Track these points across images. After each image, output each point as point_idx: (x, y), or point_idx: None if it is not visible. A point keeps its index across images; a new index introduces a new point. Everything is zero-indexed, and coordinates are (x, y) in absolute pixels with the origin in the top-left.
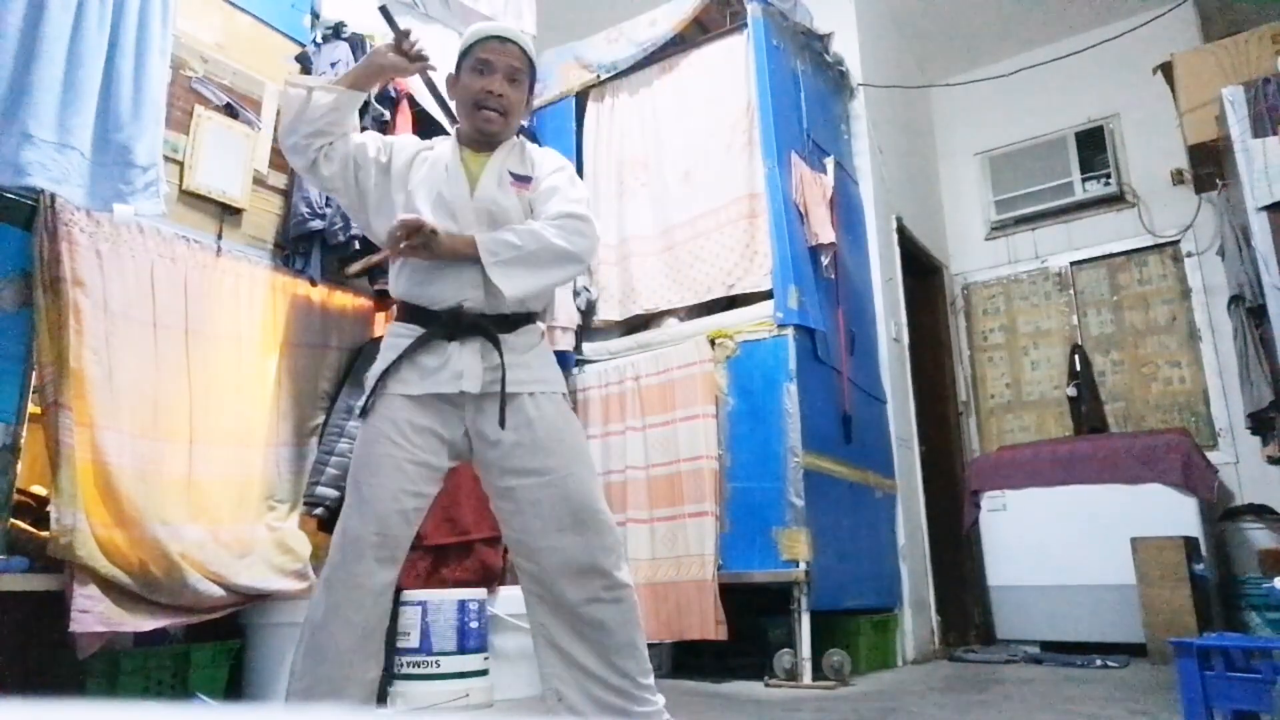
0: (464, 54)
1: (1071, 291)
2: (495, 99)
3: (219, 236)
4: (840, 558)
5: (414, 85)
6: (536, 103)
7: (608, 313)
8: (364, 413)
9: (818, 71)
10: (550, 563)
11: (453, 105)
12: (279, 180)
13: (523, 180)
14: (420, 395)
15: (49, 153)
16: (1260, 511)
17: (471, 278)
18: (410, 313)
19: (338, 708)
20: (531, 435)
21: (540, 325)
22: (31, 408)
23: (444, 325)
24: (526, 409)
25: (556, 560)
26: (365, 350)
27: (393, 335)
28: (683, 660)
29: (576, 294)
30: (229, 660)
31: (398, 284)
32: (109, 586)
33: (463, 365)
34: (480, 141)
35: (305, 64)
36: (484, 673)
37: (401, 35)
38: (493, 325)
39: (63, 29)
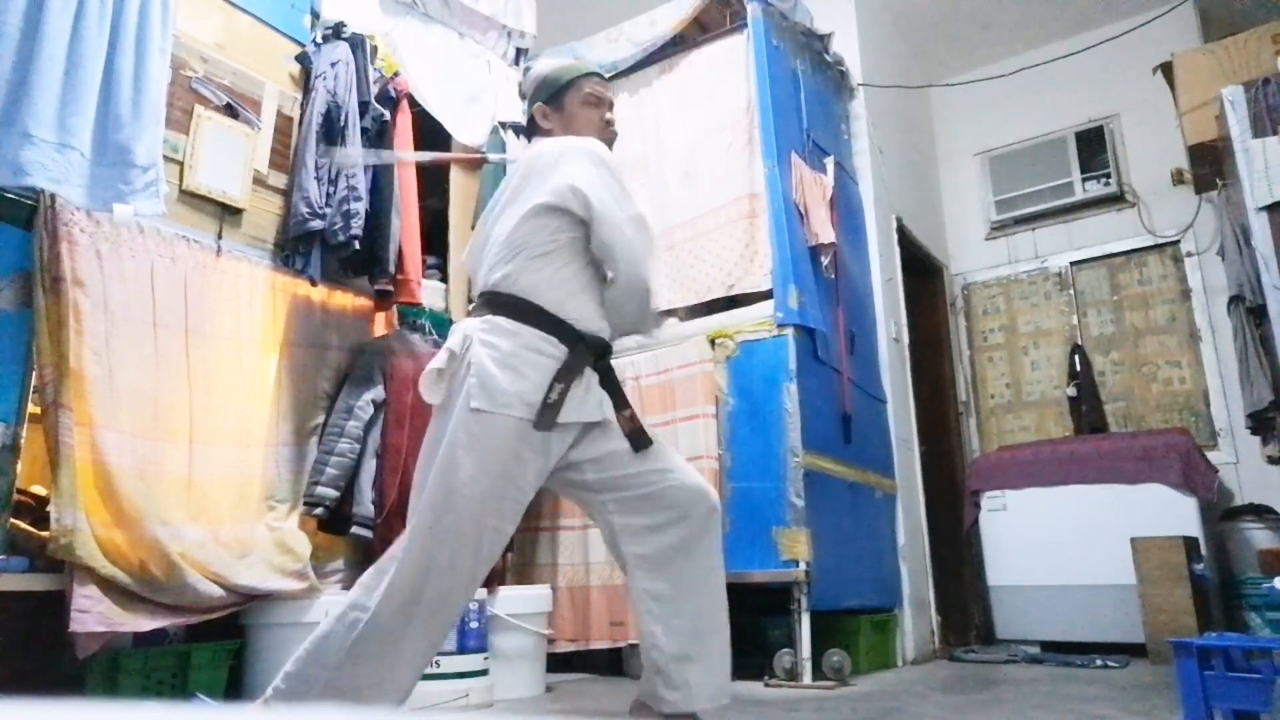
0: (566, 85)
1: (1071, 291)
2: (613, 127)
3: (219, 236)
4: (840, 558)
5: (414, 85)
6: None
7: None
8: (542, 426)
9: (818, 71)
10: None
11: (560, 129)
12: (279, 180)
13: None
14: (569, 424)
15: (49, 153)
16: (1260, 511)
17: (600, 306)
18: (551, 324)
19: (350, 707)
20: (625, 447)
21: None
22: (31, 408)
23: (590, 349)
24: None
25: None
26: (365, 350)
27: (530, 349)
28: None
29: None
30: (229, 660)
31: (545, 290)
32: (109, 586)
33: (598, 395)
34: None
35: (305, 64)
36: (484, 673)
37: None
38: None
39: (62, 29)
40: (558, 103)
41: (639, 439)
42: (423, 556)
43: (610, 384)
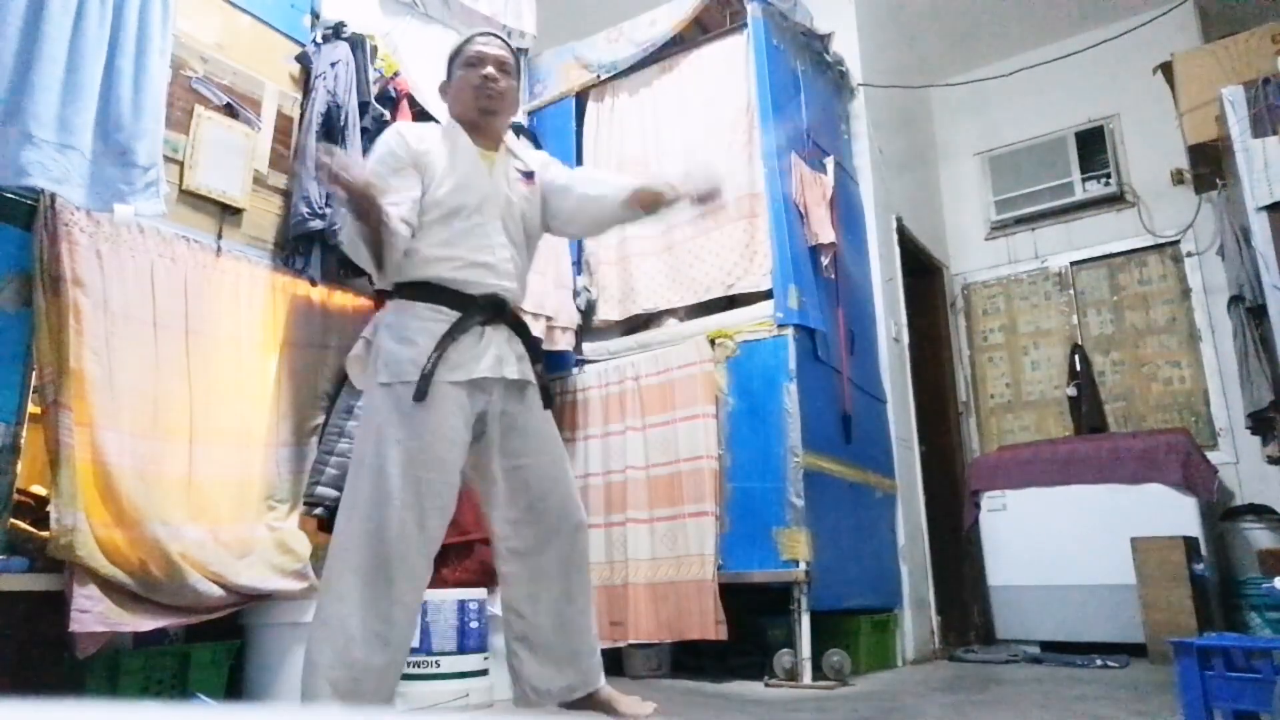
0: (453, 58)
1: (1071, 291)
2: (491, 83)
3: (219, 236)
4: (840, 558)
5: (414, 85)
6: (536, 103)
7: (607, 313)
8: (418, 397)
9: (818, 71)
10: (549, 527)
11: (448, 107)
12: (279, 180)
13: (528, 176)
14: (465, 381)
15: (49, 153)
16: (1260, 511)
17: (515, 268)
18: (438, 294)
19: (353, 706)
20: (536, 422)
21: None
22: (31, 408)
23: (481, 310)
24: (531, 396)
25: (554, 526)
26: None
27: (419, 319)
28: (683, 660)
29: (576, 294)
30: (229, 660)
31: (422, 266)
32: (109, 586)
33: (499, 351)
34: (484, 133)
35: (305, 64)
36: (484, 673)
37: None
38: (514, 315)
39: (63, 29)
40: (450, 75)
41: (546, 394)
42: (364, 521)
43: (526, 339)
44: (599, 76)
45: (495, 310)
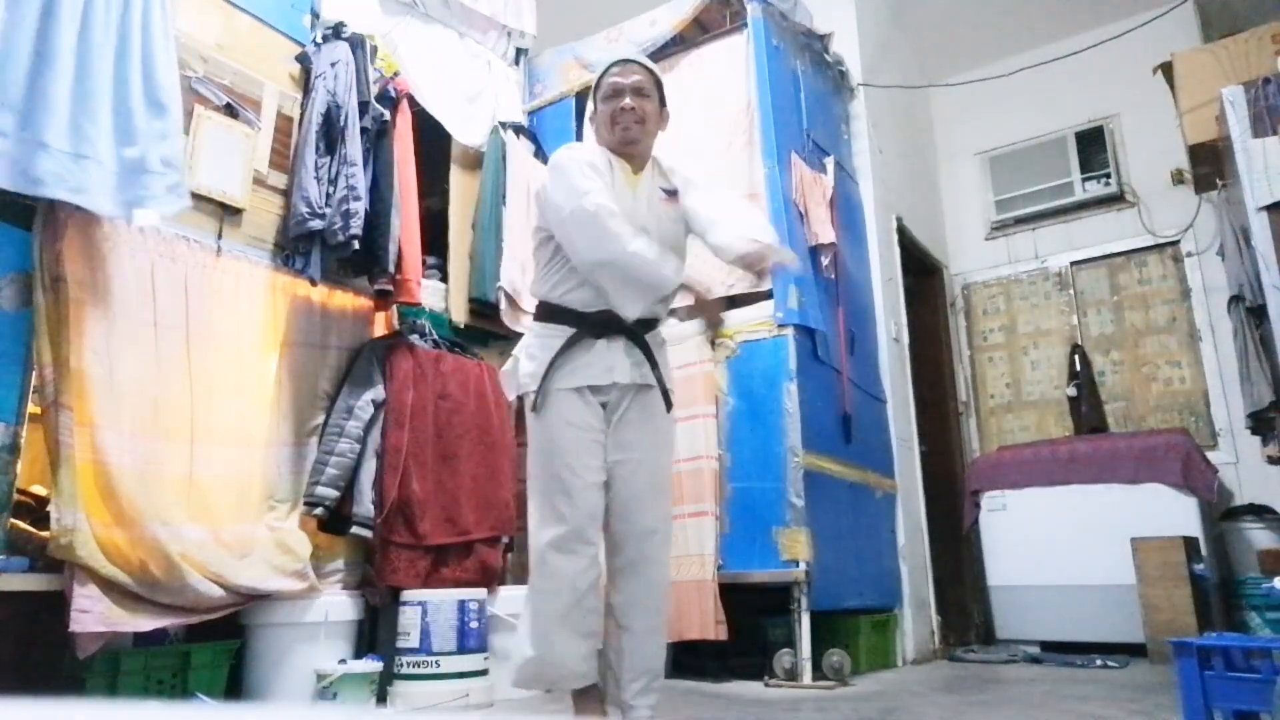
0: (595, 90)
1: (1071, 291)
2: (628, 113)
3: (219, 236)
4: (840, 558)
5: (414, 85)
6: (536, 103)
7: None
8: (535, 407)
9: (818, 71)
10: (624, 530)
11: (595, 136)
12: (279, 180)
13: (671, 194)
14: (577, 388)
15: (64, 162)
16: (1260, 511)
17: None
18: (558, 315)
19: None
20: (646, 424)
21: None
22: (31, 408)
23: (592, 326)
24: (648, 399)
25: (627, 530)
26: (365, 350)
27: (542, 337)
28: (683, 660)
29: None
30: (229, 660)
31: (553, 289)
32: (109, 586)
33: (611, 360)
34: (628, 158)
35: (305, 64)
36: (484, 673)
37: None
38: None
39: (69, 40)
40: (594, 104)
41: (666, 398)
42: (532, 510)
43: (645, 350)
44: None
45: (608, 325)
